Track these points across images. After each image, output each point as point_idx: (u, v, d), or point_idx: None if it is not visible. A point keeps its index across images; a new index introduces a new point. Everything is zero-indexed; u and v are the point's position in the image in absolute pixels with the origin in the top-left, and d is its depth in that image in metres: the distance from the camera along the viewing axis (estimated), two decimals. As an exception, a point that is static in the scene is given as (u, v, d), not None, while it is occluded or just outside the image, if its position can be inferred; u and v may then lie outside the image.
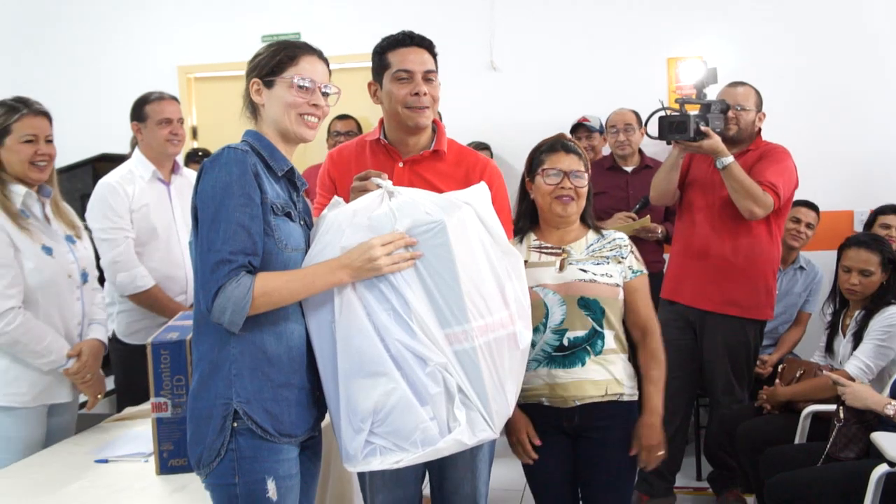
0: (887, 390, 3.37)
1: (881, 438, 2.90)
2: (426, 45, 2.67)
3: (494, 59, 5.57)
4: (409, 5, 5.57)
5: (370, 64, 2.75)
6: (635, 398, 2.77)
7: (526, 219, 2.87)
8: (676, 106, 3.94)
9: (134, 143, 4.88)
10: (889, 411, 3.06)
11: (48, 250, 2.93)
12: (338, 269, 2.10)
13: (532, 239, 2.83)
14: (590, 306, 2.70)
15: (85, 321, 3.11)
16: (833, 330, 3.93)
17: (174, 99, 3.82)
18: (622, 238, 2.81)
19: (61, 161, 5.34)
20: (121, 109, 4.96)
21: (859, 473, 2.97)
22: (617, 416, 2.73)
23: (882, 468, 2.87)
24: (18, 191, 2.90)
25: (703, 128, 3.83)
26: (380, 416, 2.12)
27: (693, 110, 3.92)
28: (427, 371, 2.11)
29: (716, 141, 3.84)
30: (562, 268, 2.74)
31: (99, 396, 3.13)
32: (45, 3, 6.21)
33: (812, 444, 3.46)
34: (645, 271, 2.82)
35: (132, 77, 5.76)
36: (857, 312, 3.78)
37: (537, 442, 2.72)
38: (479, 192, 2.31)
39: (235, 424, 2.07)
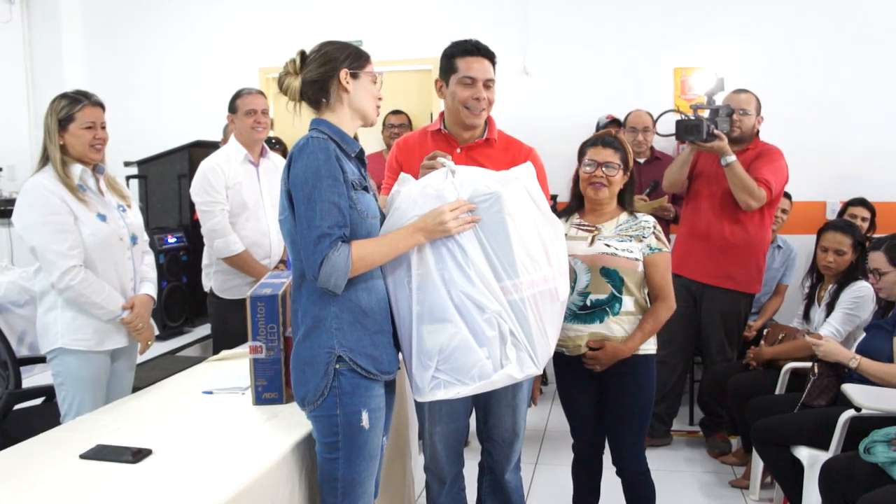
0: (853, 350, 3.44)
1: (850, 388, 2.95)
2: (489, 55, 2.69)
3: (527, 66, 5.57)
4: (454, 19, 5.57)
5: (419, 67, 2.73)
6: (651, 352, 2.85)
7: (575, 200, 2.93)
8: (687, 110, 3.99)
9: (225, 132, 5.00)
10: (853, 364, 3.13)
11: (102, 217, 2.96)
12: (416, 232, 2.15)
13: (576, 218, 2.90)
14: (610, 275, 2.76)
15: (137, 278, 3.12)
16: (810, 301, 3.97)
17: (260, 93, 3.85)
18: (648, 221, 2.84)
19: (162, 147, 5.53)
20: (212, 103, 5.05)
21: (829, 417, 3.04)
22: (634, 366, 2.80)
23: (849, 413, 2.94)
24: (76, 169, 2.93)
25: (714, 131, 3.88)
26: (444, 356, 2.18)
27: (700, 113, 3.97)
28: (485, 317, 2.16)
29: (724, 142, 3.90)
30: (592, 242, 2.80)
31: (149, 343, 3.16)
32: (146, 13, 6.26)
33: (790, 395, 3.51)
34: (665, 249, 2.83)
35: (222, 76, 5.84)
36: (830, 286, 3.83)
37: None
38: (526, 170, 2.35)
39: (338, 366, 2.11)
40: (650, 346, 2.85)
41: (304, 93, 2.23)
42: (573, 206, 2.95)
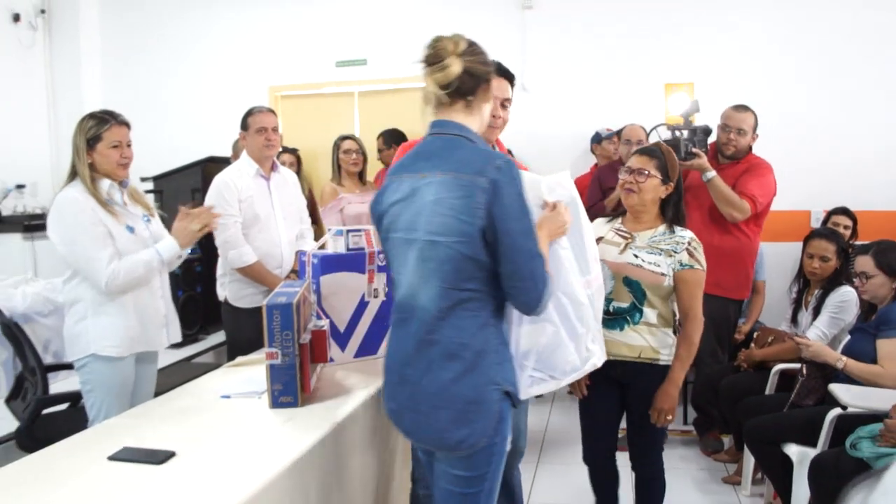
0: (839, 352, 3.49)
1: (836, 388, 3.01)
2: (508, 76, 2.69)
3: (525, 82, 5.64)
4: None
5: (421, 85, 2.72)
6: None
7: (622, 206, 2.92)
8: (673, 127, 4.05)
9: (235, 147, 5.06)
10: (839, 365, 3.19)
11: (130, 229, 3.02)
12: (545, 237, 2.08)
13: (618, 222, 2.89)
14: (632, 285, 2.74)
15: (163, 285, 3.18)
16: (797, 305, 4.01)
17: (271, 111, 3.87)
18: (684, 236, 2.76)
19: (177, 163, 5.60)
20: (225, 121, 5.11)
21: (817, 416, 3.08)
22: (654, 375, 2.77)
23: (835, 411, 2.98)
24: (104, 184, 2.98)
25: (693, 150, 3.94)
26: (542, 354, 2.19)
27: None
28: (578, 314, 2.21)
29: (703, 160, 3.95)
30: (623, 250, 2.78)
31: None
32: (161, 37, 6.36)
33: (780, 395, 3.56)
34: (697, 267, 2.72)
35: (234, 95, 5.95)
36: (816, 291, 3.86)
37: (588, 382, 2.85)
38: (566, 177, 2.33)
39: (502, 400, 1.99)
40: (668, 357, 2.78)
41: (460, 79, 1.97)
42: (619, 212, 2.95)
